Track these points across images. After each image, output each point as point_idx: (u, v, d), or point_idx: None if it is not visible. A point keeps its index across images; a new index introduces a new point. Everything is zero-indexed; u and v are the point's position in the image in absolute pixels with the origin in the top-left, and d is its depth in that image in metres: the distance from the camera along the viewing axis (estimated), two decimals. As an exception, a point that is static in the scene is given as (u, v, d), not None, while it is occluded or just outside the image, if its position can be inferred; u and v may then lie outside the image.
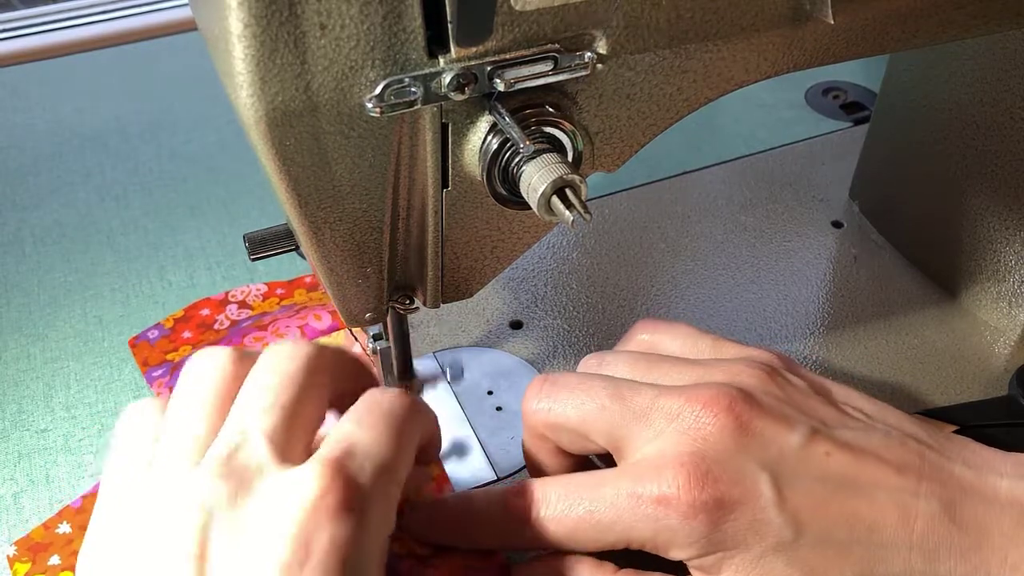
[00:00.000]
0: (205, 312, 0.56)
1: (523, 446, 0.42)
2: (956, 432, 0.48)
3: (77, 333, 0.57)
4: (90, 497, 0.46)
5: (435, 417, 0.40)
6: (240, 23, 0.28)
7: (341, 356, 0.38)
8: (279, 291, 0.57)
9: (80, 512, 0.45)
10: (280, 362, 0.35)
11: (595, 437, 0.38)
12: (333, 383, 0.36)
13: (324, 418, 0.36)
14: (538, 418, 0.39)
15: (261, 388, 0.34)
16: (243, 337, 0.52)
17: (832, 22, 0.35)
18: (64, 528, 0.45)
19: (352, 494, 0.31)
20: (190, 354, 0.52)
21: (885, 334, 0.55)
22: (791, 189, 0.66)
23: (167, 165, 0.70)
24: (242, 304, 0.56)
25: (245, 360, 0.35)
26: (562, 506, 0.37)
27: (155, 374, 0.52)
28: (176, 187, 0.68)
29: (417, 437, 0.37)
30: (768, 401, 0.37)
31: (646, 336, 0.44)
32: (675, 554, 0.36)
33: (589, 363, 0.42)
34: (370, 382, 0.39)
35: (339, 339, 0.51)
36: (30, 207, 0.67)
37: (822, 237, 0.63)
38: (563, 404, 0.38)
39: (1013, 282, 0.54)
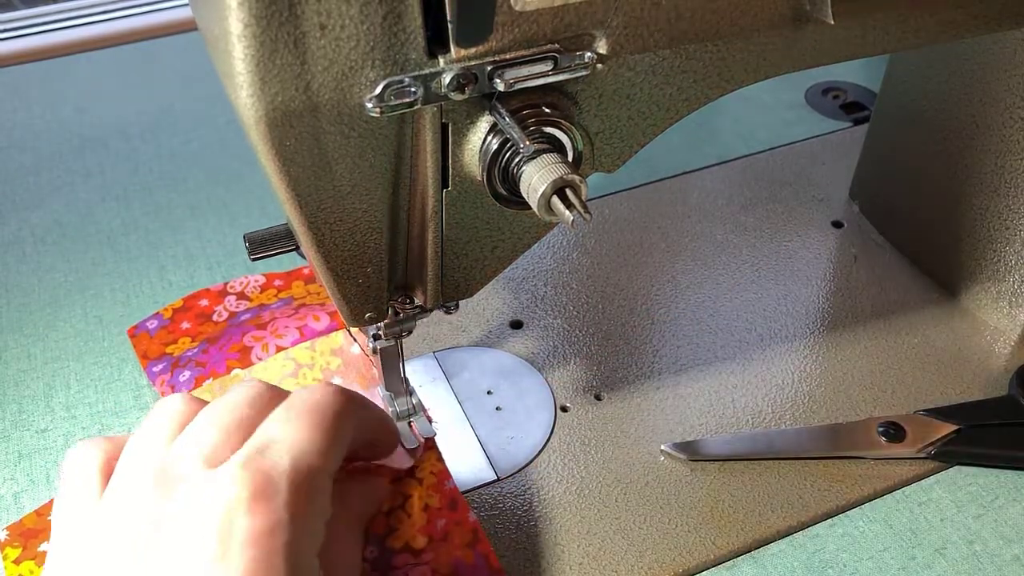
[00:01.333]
0: (204, 303, 0.56)
1: None
2: (956, 432, 0.48)
3: (77, 333, 0.57)
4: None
5: (379, 411, 0.41)
6: (240, 23, 0.28)
7: (283, 392, 0.39)
8: (277, 283, 0.58)
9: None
10: (221, 398, 0.37)
11: None
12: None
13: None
14: None
15: (201, 415, 0.36)
16: (242, 336, 0.52)
17: (832, 22, 0.35)
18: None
19: (265, 487, 0.32)
20: (189, 347, 0.53)
21: (885, 334, 0.55)
22: (791, 189, 0.66)
23: (167, 165, 0.70)
24: (240, 295, 0.57)
25: (197, 403, 0.37)
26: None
27: (155, 369, 0.52)
28: (176, 187, 0.68)
29: (349, 429, 0.37)
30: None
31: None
32: None
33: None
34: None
35: (338, 340, 0.51)
36: (30, 207, 0.67)
37: (822, 237, 0.63)
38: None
39: (1013, 282, 0.54)
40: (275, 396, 0.37)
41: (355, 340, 0.51)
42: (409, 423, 0.48)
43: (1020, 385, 0.51)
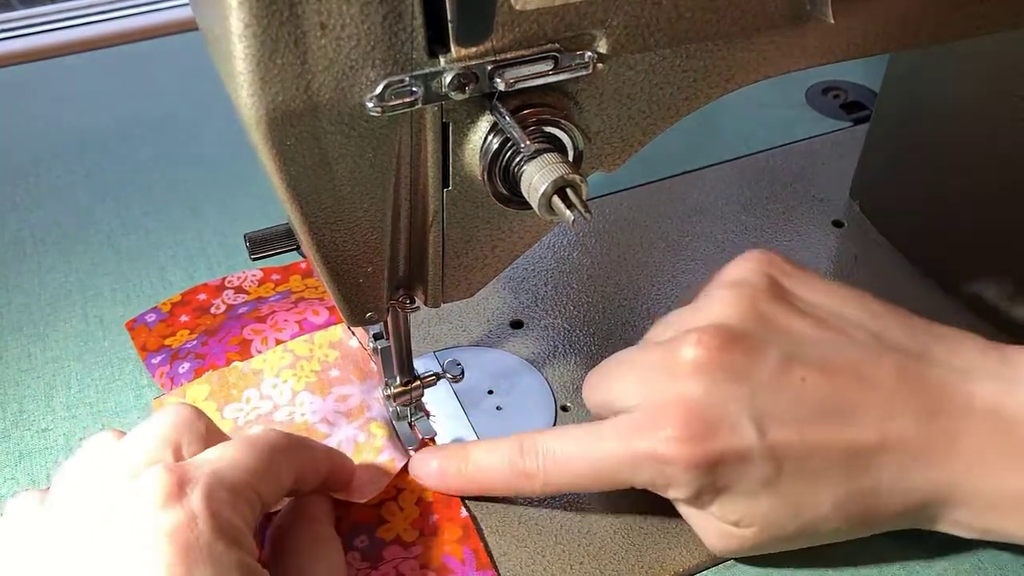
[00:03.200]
0: (202, 297, 0.57)
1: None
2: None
3: (77, 333, 0.57)
4: None
5: (325, 451, 0.42)
6: (240, 23, 0.28)
7: (208, 419, 0.40)
8: (275, 276, 0.58)
9: None
10: (145, 424, 0.38)
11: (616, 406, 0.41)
12: (206, 430, 0.38)
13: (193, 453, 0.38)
14: (536, 433, 0.43)
15: (125, 439, 0.38)
16: (241, 328, 0.52)
17: (832, 22, 0.35)
18: None
19: (181, 484, 0.33)
20: (188, 339, 0.52)
21: (885, 334, 0.55)
22: (791, 189, 0.66)
23: (167, 165, 0.70)
24: (238, 289, 0.57)
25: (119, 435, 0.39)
26: (565, 460, 0.40)
27: (155, 361, 0.53)
28: (176, 187, 0.68)
29: (289, 463, 0.38)
30: (743, 328, 0.39)
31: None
32: (672, 494, 0.40)
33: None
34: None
35: (336, 333, 0.51)
36: (30, 207, 0.67)
37: (822, 237, 0.63)
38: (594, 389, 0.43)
39: (1013, 282, 0.54)
40: (199, 415, 0.38)
41: (353, 334, 0.51)
42: (410, 423, 0.48)
43: None
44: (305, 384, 0.49)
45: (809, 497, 0.38)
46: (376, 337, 0.45)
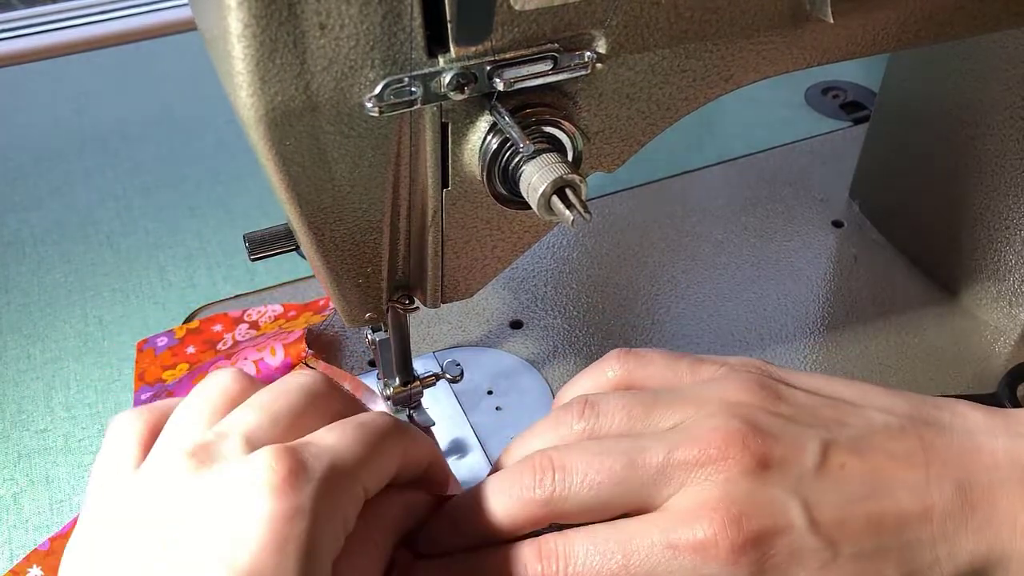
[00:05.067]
0: (217, 328, 0.55)
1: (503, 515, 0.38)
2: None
3: (77, 333, 0.57)
4: (58, 539, 0.45)
5: (429, 444, 0.40)
6: (240, 23, 0.28)
7: (344, 392, 0.39)
8: (291, 314, 0.56)
9: (49, 555, 0.45)
10: (278, 383, 0.36)
11: (616, 508, 0.36)
12: (334, 410, 0.37)
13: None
14: (548, 510, 0.36)
15: (254, 398, 0.35)
16: (211, 366, 0.50)
17: (832, 22, 0.35)
18: (35, 572, 0.44)
19: (297, 474, 0.32)
20: (186, 373, 0.52)
21: (885, 334, 0.55)
22: (791, 189, 0.66)
23: (167, 165, 0.70)
24: (253, 324, 0.55)
25: (248, 380, 0.37)
26: (592, 561, 0.35)
27: (143, 397, 0.51)
28: (176, 187, 0.68)
29: (396, 452, 0.37)
30: (773, 424, 0.37)
31: (616, 371, 0.41)
32: None
33: (573, 413, 0.39)
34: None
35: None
36: (30, 207, 0.67)
37: (822, 237, 0.63)
38: (575, 489, 0.36)
39: (1013, 282, 0.54)
40: (330, 389, 0.37)
41: (314, 369, 0.49)
42: (410, 414, 0.48)
43: (1009, 386, 0.50)
44: None
45: (871, 572, 0.36)
46: (375, 329, 0.45)
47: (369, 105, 0.30)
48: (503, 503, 0.37)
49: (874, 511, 0.36)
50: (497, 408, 0.51)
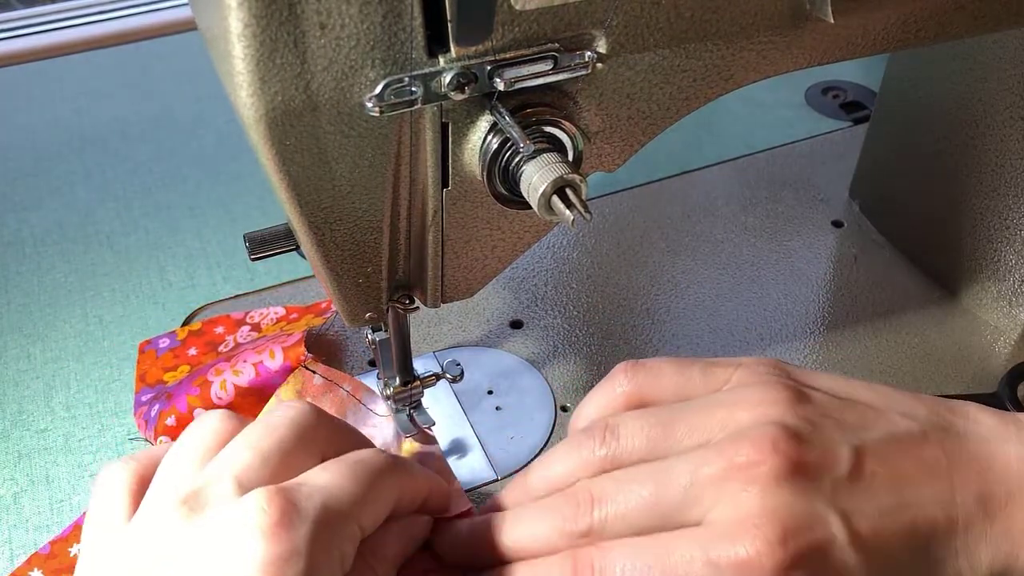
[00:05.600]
0: (219, 330, 0.55)
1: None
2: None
3: (77, 333, 0.57)
4: (59, 542, 0.45)
5: (426, 478, 0.40)
6: (240, 23, 0.28)
7: (334, 420, 0.39)
8: (293, 316, 0.55)
9: (50, 558, 0.44)
10: (266, 417, 0.36)
11: (654, 531, 0.36)
12: (324, 441, 0.37)
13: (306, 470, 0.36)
14: (588, 540, 0.36)
15: (241, 436, 0.35)
16: (210, 368, 0.50)
17: (832, 22, 0.35)
18: (36, 575, 0.44)
19: (290, 515, 0.32)
20: (188, 373, 0.51)
21: (885, 333, 0.55)
22: (791, 189, 0.66)
23: (167, 165, 0.70)
24: (254, 327, 0.55)
25: (237, 421, 0.37)
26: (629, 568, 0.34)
27: (143, 399, 0.51)
28: (176, 187, 0.68)
29: (392, 489, 0.37)
30: (802, 427, 0.36)
31: (625, 386, 0.40)
32: None
33: (595, 439, 0.38)
34: (365, 444, 0.40)
35: (299, 380, 0.48)
36: (30, 207, 0.67)
37: (822, 237, 0.63)
38: (611, 520, 0.36)
39: (1013, 281, 0.54)
40: (320, 419, 0.37)
41: (314, 372, 0.49)
42: (410, 415, 0.48)
43: (1010, 386, 0.50)
44: None
45: None
46: (375, 329, 0.45)
47: (369, 105, 0.30)
48: (543, 531, 0.36)
49: (907, 523, 0.35)
50: (497, 408, 0.51)
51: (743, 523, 0.33)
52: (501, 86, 0.31)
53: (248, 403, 0.48)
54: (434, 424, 0.48)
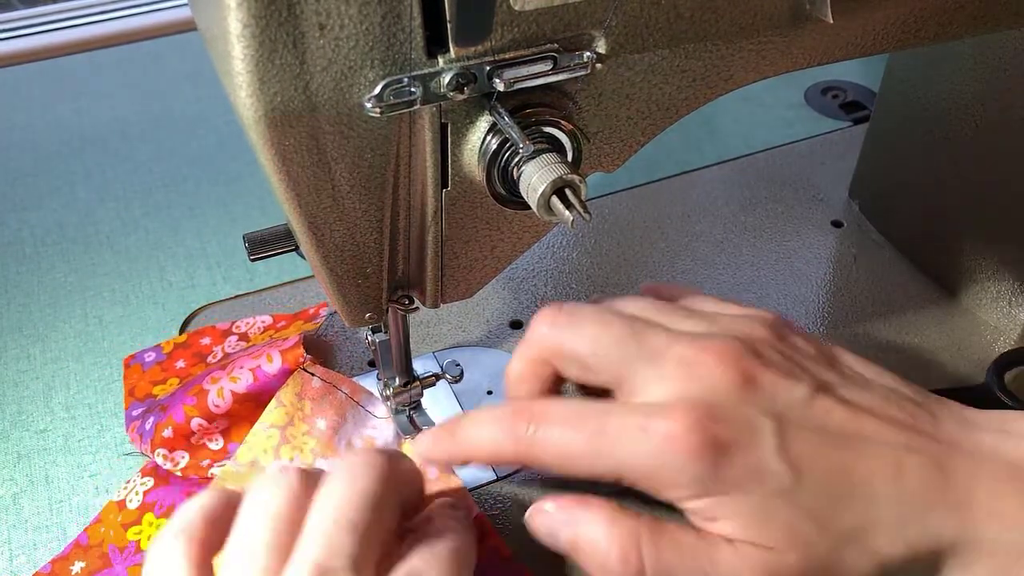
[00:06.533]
0: (205, 341, 0.54)
1: (511, 369, 0.41)
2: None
3: (77, 333, 0.57)
4: (60, 561, 0.45)
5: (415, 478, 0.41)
6: (239, 23, 0.28)
7: (405, 463, 0.39)
8: (281, 324, 0.55)
9: None
10: (351, 481, 0.35)
11: (601, 370, 0.39)
12: (402, 493, 0.37)
13: (395, 530, 0.36)
14: (548, 343, 0.40)
15: (335, 512, 0.34)
16: (205, 377, 0.49)
17: (832, 22, 0.35)
18: None
19: None
20: (177, 387, 0.50)
21: (885, 333, 0.55)
22: (791, 189, 0.66)
23: (167, 165, 0.70)
24: (242, 336, 0.54)
25: (311, 480, 0.36)
26: (564, 425, 0.37)
27: (135, 413, 0.50)
28: (176, 187, 0.68)
29: (393, 516, 0.37)
30: (774, 357, 0.38)
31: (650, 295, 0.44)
32: (669, 493, 0.37)
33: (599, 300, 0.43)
34: (422, 485, 0.41)
35: (297, 382, 0.48)
36: (30, 207, 0.67)
37: (822, 237, 0.63)
38: (578, 334, 0.39)
39: (1013, 281, 0.54)
40: (394, 469, 0.37)
41: (313, 374, 0.49)
42: (410, 416, 0.48)
43: (997, 374, 0.50)
44: (311, 454, 0.47)
45: (825, 518, 0.36)
46: (375, 330, 0.45)
47: (369, 105, 0.30)
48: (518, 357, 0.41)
49: (847, 458, 0.36)
50: (497, 408, 0.51)
51: (679, 404, 0.36)
52: (500, 86, 0.31)
53: (246, 409, 0.48)
54: (434, 425, 0.48)
